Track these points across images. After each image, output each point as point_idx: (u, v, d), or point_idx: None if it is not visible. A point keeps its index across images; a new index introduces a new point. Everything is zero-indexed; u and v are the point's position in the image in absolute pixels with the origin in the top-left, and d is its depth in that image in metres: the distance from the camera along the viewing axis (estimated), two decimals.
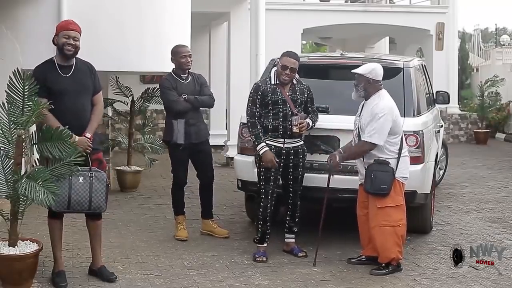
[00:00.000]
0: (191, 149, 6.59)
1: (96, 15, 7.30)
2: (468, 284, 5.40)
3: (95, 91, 5.30)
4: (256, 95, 5.96)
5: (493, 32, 29.86)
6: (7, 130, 4.86)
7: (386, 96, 5.68)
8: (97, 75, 5.37)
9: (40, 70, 5.19)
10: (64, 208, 5.03)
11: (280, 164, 5.92)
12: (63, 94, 5.10)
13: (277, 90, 5.93)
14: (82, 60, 5.32)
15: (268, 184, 5.92)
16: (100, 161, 5.28)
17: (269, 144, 5.89)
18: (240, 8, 12.09)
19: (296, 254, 6.07)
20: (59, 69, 5.17)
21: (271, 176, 5.90)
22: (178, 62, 6.61)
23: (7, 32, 7.31)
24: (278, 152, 5.90)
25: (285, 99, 5.90)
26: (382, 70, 5.74)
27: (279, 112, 5.88)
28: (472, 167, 12.02)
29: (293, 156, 5.97)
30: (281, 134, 5.90)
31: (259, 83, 6.07)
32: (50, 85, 5.08)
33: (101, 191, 5.08)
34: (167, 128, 6.65)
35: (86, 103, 5.21)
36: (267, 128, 5.91)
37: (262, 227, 5.98)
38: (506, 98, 17.35)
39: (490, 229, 7.22)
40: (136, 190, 9.18)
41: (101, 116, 5.42)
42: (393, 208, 5.60)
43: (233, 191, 8.41)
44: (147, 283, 5.29)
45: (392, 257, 5.62)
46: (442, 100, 8.38)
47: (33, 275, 5.02)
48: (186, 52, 6.62)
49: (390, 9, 17.31)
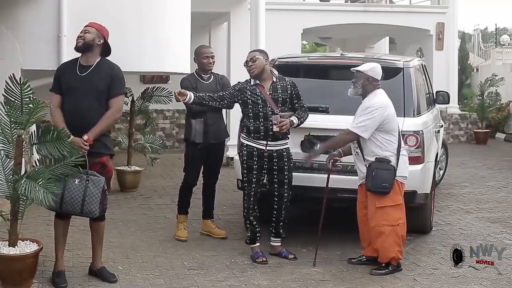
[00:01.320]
0: (207, 149, 6.58)
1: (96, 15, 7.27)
2: (468, 284, 5.40)
3: (111, 94, 5.15)
4: (233, 88, 6.07)
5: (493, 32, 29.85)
6: (7, 130, 4.86)
7: (382, 94, 5.68)
8: (118, 80, 5.21)
9: (61, 67, 5.32)
10: (57, 208, 5.01)
11: (263, 166, 5.89)
12: (70, 93, 5.10)
13: (256, 90, 5.90)
14: (108, 63, 5.25)
15: (250, 186, 5.90)
16: (103, 165, 5.17)
17: (251, 146, 5.87)
18: (240, 8, 12.09)
19: (286, 256, 6.02)
20: (78, 68, 5.16)
21: (253, 178, 5.88)
22: (200, 63, 6.63)
23: (7, 32, 7.31)
24: (260, 154, 5.87)
25: (265, 98, 5.86)
26: (381, 70, 5.75)
27: (259, 112, 5.85)
28: (472, 167, 12.03)
29: (277, 159, 5.91)
30: (263, 135, 5.85)
31: (240, 81, 6.13)
32: (62, 81, 5.12)
33: (96, 196, 5.00)
34: (187, 127, 6.66)
35: (93, 105, 5.09)
36: (248, 129, 5.89)
37: (250, 226, 5.98)
38: (506, 98, 17.36)
39: (490, 229, 7.23)
40: (136, 190, 9.18)
41: (111, 121, 5.20)
42: (392, 208, 5.60)
43: (233, 191, 8.41)
44: (147, 283, 5.29)
45: (392, 257, 5.62)
46: (442, 100, 8.38)
47: (33, 275, 5.02)
48: (209, 53, 6.65)
49: (390, 9, 17.31)
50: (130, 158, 9.40)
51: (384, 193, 5.54)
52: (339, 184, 6.08)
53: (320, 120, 6.28)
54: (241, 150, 5.98)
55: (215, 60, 6.70)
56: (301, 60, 7.57)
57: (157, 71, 9.17)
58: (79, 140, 4.98)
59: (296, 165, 6.23)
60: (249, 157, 5.88)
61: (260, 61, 5.90)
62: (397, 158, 5.62)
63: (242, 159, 5.94)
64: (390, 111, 5.62)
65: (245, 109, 5.93)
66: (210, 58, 6.61)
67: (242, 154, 5.95)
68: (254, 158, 5.87)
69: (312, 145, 6.33)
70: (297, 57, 8.19)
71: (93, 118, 5.09)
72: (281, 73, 6.22)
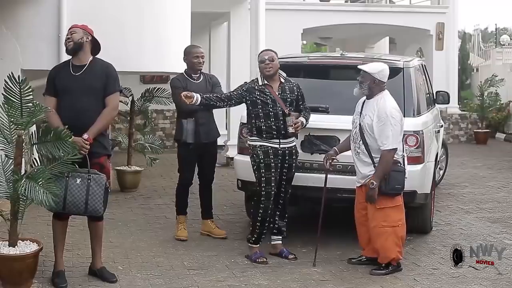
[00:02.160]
0: (200, 149, 6.59)
1: (96, 15, 7.30)
2: (468, 284, 5.40)
3: (107, 92, 5.17)
4: (240, 88, 6.03)
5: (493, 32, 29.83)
6: (7, 130, 4.86)
7: (390, 98, 5.67)
8: (113, 77, 5.24)
9: (54, 69, 5.28)
10: (60, 209, 5.01)
11: (278, 165, 5.90)
12: (66, 93, 5.10)
13: (265, 90, 5.90)
14: (100, 61, 5.27)
15: (270, 185, 5.87)
16: (101, 165, 5.17)
17: (266, 146, 5.86)
18: (240, 8, 12.10)
19: (286, 256, 6.01)
20: (72, 68, 5.18)
21: (272, 177, 5.87)
22: (191, 62, 6.62)
23: (7, 32, 7.31)
24: (275, 153, 5.87)
25: (275, 98, 5.87)
26: (388, 72, 5.74)
27: (270, 112, 5.85)
28: (472, 167, 12.02)
29: (288, 156, 5.94)
30: (276, 134, 5.87)
31: (246, 82, 6.12)
32: (56, 82, 5.12)
33: (99, 195, 5.01)
34: (178, 128, 6.66)
35: (91, 104, 5.10)
36: (260, 129, 5.88)
37: (260, 228, 5.93)
38: (506, 98, 17.35)
39: (490, 229, 7.22)
40: (136, 190, 9.18)
41: (108, 119, 5.23)
42: (392, 209, 5.60)
43: (233, 191, 8.41)
44: (147, 283, 5.29)
45: (392, 257, 5.62)
46: (442, 100, 8.38)
47: (33, 275, 5.02)
48: (199, 53, 6.64)
49: (390, 9, 17.32)
50: (130, 158, 9.40)
51: (397, 194, 5.56)
52: (339, 184, 6.08)
53: (320, 120, 6.28)
54: (255, 151, 5.89)
55: (204, 60, 6.68)
56: (301, 60, 7.56)
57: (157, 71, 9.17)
58: (80, 140, 4.98)
59: (296, 165, 6.23)
60: (266, 155, 5.85)
61: (276, 62, 5.95)
62: (403, 159, 5.64)
63: (259, 159, 5.84)
64: (401, 115, 5.66)
65: (254, 109, 5.91)
66: (200, 57, 6.60)
67: (257, 154, 5.85)
68: (270, 156, 5.85)
69: (312, 145, 6.33)
70: (297, 57, 8.19)
71: (91, 117, 5.09)
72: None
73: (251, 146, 5.97)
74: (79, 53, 5.20)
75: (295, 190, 6.11)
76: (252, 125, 5.96)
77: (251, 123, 5.97)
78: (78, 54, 5.20)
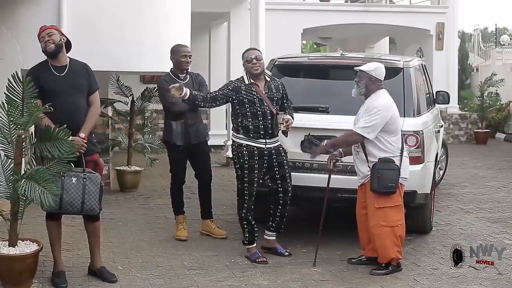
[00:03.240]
0: (190, 150, 6.59)
1: (96, 15, 7.30)
2: (468, 284, 5.40)
3: (91, 90, 5.27)
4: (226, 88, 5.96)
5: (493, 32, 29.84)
6: (7, 130, 4.86)
7: (385, 95, 5.68)
8: (93, 75, 5.34)
9: (33, 71, 5.21)
10: (56, 209, 5.01)
11: (263, 165, 5.89)
12: (56, 94, 5.10)
13: (252, 89, 5.88)
14: (77, 61, 5.32)
15: (253, 186, 5.87)
16: (95, 163, 5.24)
17: (251, 146, 5.85)
18: (240, 8, 12.10)
19: (281, 253, 6.03)
20: (53, 69, 5.19)
21: (255, 177, 5.86)
22: (178, 61, 6.60)
23: (7, 32, 7.31)
24: (260, 153, 5.86)
25: (262, 97, 5.86)
26: (384, 70, 5.75)
27: (257, 111, 5.84)
28: (472, 167, 12.03)
29: (275, 155, 5.93)
30: (263, 134, 5.85)
31: (232, 80, 6.11)
32: (43, 84, 5.07)
33: (95, 193, 5.04)
34: (166, 129, 6.65)
35: (80, 103, 5.18)
36: (248, 128, 5.85)
37: (248, 226, 5.95)
38: (506, 98, 17.35)
39: (490, 229, 7.22)
40: (136, 190, 9.17)
41: (96, 116, 5.36)
42: (391, 209, 5.60)
43: (233, 191, 8.37)
44: (147, 283, 5.29)
45: (392, 257, 5.62)
46: (442, 100, 8.38)
47: (33, 275, 5.02)
48: (187, 52, 6.63)
49: (390, 9, 17.32)
50: (130, 158, 9.39)
51: (390, 193, 5.55)
52: (339, 184, 6.08)
53: (320, 120, 6.28)
54: (240, 150, 5.90)
55: (191, 60, 6.66)
56: (301, 60, 7.56)
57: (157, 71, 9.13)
58: (79, 139, 5.01)
59: (296, 165, 6.23)
60: (251, 157, 5.85)
61: (263, 60, 5.94)
62: (400, 158, 5.62)
63: (243, 159, 5.87)
64: (393, 112, 5.63)
65: (241, 108, 5.89)
66: (188, 57, 6.59)
67: (242, 155, 5.88)
68: (255, 158, 5.85)
69: (312, 145, 6.33)
70: (297, 57, 8.19)
71: (82, 116, 5.17)
72: (281, 73, 6.21)
73: (235, 144, 5.96)
74: (59, 54, 5.22)
75: (295, 190, 6.10)
76: (238, 124, 5.93)
77: (237, 122, 5.94)
78: (58, 55, 5.22)
